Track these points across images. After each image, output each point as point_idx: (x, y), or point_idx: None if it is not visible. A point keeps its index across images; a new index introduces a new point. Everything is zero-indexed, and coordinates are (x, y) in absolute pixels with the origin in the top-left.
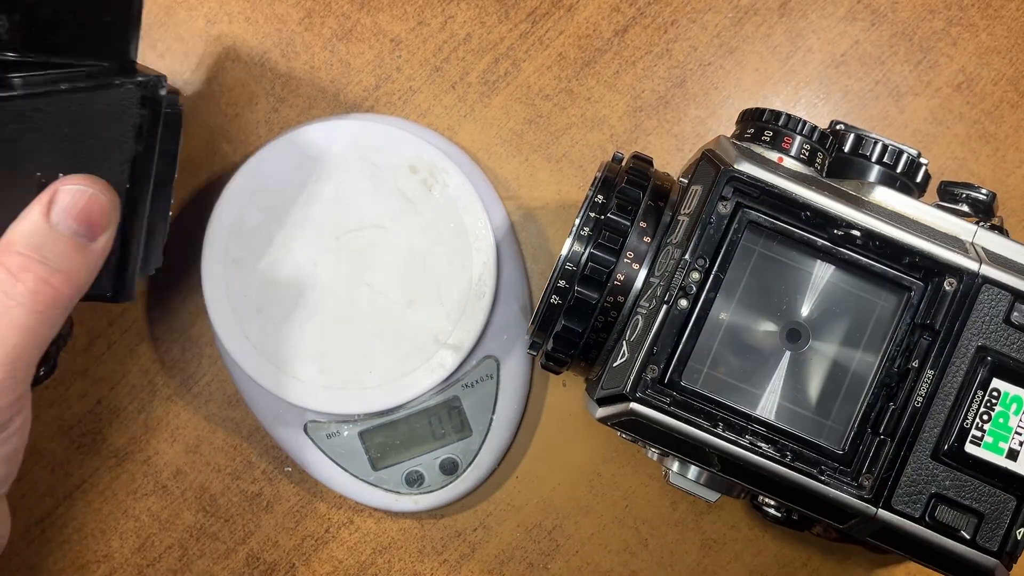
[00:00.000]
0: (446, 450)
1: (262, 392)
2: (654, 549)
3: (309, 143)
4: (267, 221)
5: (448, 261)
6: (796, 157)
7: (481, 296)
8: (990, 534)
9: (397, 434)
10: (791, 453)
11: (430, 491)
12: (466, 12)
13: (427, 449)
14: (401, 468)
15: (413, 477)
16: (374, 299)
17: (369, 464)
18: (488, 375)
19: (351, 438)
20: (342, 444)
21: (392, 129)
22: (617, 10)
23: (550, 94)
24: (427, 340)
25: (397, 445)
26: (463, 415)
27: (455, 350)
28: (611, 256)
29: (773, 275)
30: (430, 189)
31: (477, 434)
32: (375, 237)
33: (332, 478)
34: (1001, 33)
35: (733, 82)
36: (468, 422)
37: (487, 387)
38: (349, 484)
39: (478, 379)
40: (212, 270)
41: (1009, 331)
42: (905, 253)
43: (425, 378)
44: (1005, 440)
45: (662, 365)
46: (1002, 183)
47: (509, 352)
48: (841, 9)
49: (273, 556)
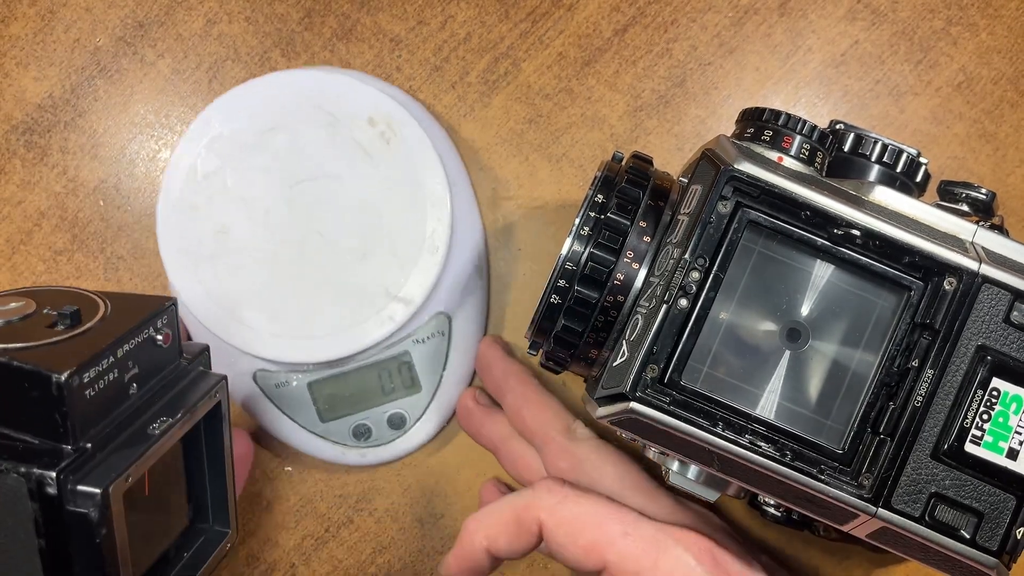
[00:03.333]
0: (395, 405)
1: (213, 338)
2: None
3: (267, 92)
4: (223, 168)
5: (402, 214)
6: (796, 157)
7: (434, 251)
8: (990, 533)
9: (346, 386)
10: (791, 452)
11: (377, 445)
12: (466, 12)
13: (376, 403)
14: (349, 421)
15: (361, 430)
16: (326, 249)
17: (317, 415)
18: (440, 331)
19: (300, 388)
20: (291, 394)
21: (352, 81)
22: (617, 9)
23: (550, 93)
24: (378, 292)
25: (346, 398)
26: (413, 370)
27: (405, 303)
28: (611, 255)
29: (773, 274)
30: (388, 142)
31: (427, 390)
32: (330, 187)
33: (280, 428)
34: (1001, 32)
35: (733, 81)
36: (418, 378)
37: (438, 343)
38: (297, 435)
39: (429, 335)
40: (167, 216)
41: (1009, 330)
42: (905, 252)
43: (375, 330)
44: (1005, 439)
45: (662, 364)
46: (1002, 182)
47: (462, 309)
48: (841, 9)
49: (273, 556)
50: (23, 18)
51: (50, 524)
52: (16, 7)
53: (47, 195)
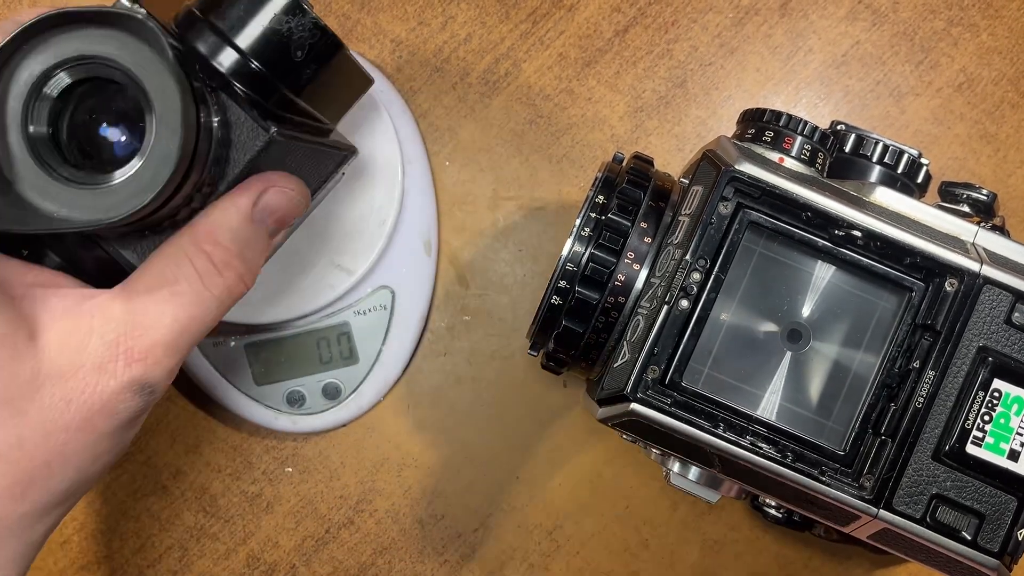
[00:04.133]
0: (331, 375)
1: None
2: (655, 550)
3: None
4: None
5: (350, 183)
6: (797, 157)
7: (381, 223)
8: (991, 535)
9: (283, 352)
10: (792, 454)
11: (310, 413)
12: (466, 12)
13: (312, 371)
14: (284, 386)
15: (295, 397)
16: None
17: (252, 378)
18: (382, 305)
19: (237, 350)
20: (228, 355)
21: None
22: (618, 10)
23: (551, 94)
24: (319, 259)
25: (282, 363)
26: (352, 342)
27: (347, 273)
28: (612, 256)
29: (774, 276)
30: None
31: (364, 363)
32: None
33: (215, 387)
34: (1002, 33)
35: (734, 82)
36: (356, 350)
37: (379, 317)
38: (231, 396)
39: (371, 308)
40: None
41: (1010, 331)
42: (906, 254)
43: (314, 297)
44: (1006, 441)
45: (663, 366)
46: (1003, 183)
47: (406, 285)
48: (842, 9)
49: (273, 556)
50: None
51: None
52: (16, 7)
53: None
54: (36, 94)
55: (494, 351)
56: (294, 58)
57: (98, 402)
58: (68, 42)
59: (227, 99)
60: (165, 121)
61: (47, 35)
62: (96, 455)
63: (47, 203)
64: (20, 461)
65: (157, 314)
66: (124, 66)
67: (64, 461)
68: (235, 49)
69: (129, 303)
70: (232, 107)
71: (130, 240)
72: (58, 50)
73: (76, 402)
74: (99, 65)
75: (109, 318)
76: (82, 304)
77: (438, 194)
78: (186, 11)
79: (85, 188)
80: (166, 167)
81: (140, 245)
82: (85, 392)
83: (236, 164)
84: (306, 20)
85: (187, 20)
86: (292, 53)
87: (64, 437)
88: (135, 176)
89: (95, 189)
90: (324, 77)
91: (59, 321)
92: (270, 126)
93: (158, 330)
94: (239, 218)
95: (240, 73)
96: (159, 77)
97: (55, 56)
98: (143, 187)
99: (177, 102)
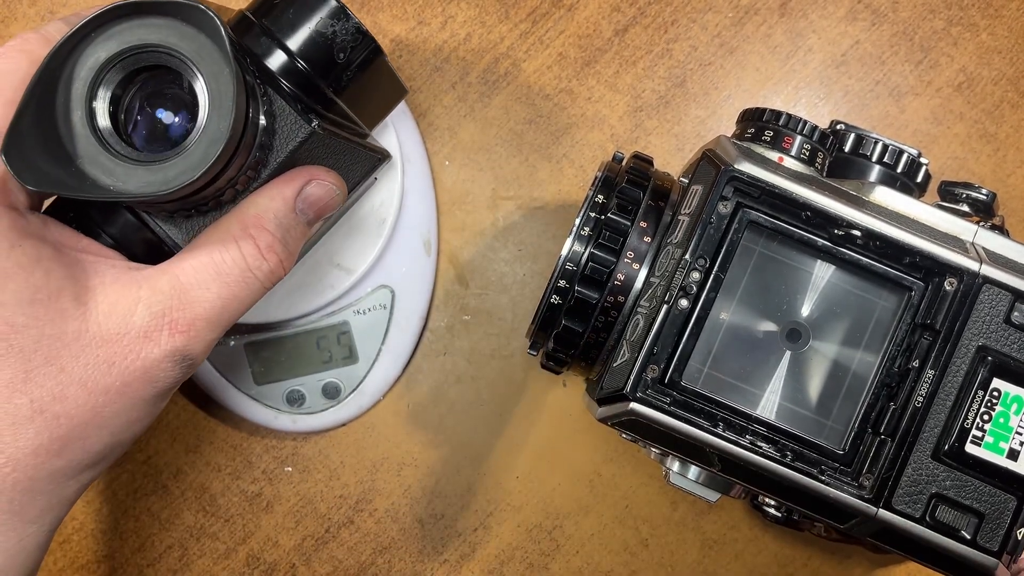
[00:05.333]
0: (331, 374)
1: None
2: (654, 549)
3: None
4: None
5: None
6: (796, 157)
7: (381, 222)
8: (990, 534)
9: (283, 351)
10: (791, 453)
11: (310, 412)
12: (466, 12)
13: (312, 370)
14: (284, 386)
15: (294, 396)
16: None
17: (252, 378)
18: (382, 304)
19: (237, 350)
20: (228, 354)
21: None
22: (617, 10)
23: (550, 94)
24: (320, 258)
25: (282, 362)
26: (351, 341)
27: (347, 272)
28: (611, 256)
29: (773, 275)
30: None
31: (364, 362)
32: None
33: (215, 387)
34: (1002, 33)
35: (733, 82)
36: (356, 349)
37: (379, 316)
38: (231, 396)
39: (371, 307)
40: None
41: (1009, 331)
42: (905, 253)
43: (314, 297)
44: (1006, 440)
45: (662, 365)
46: (1002, 183)
47: (406, 284)
48: (842, 9)
49: (273, 556)
50: (23, 18)
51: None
52: (16, 7)
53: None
54: (100, 79)
55: (494, 350)
56: (336, 59)
57: (140, 368)
58: (131, 31)
59: (274, 93)
60: (217, 104)
61: (112, 24)
62: (130, 421)
63: (106, 177)
64: (60, 417)
65: (202, 290)
66: (182, 53)
67: (101, 423)
68: (284, 50)
69: (176, 278)
70: (278, 100)
71: (177, 221)
72: (122, 38)
73: (119, 366)
74: (159, 53)
75: (157, 290)
76: (131, 274)
77: (438, 194)
78: (240, 15)
79: (141, 165)
80: (215, 146)
81: (186, 225)
82: (128, 357)
83: (279, 153)
84: (349, 25)
85: (242, 23)
86: (335, 55)
87: (104, 399)
88: (187, 154)
89: (150, 166)
90: (363, 80)
91: (109, 287)
92: (312, 119)
93: (202, 305)
94: (284, 207)
95: (287, 71)
96: (215, 63)
97: (119, 44)
98: (194, 164)
99: (230, 87)
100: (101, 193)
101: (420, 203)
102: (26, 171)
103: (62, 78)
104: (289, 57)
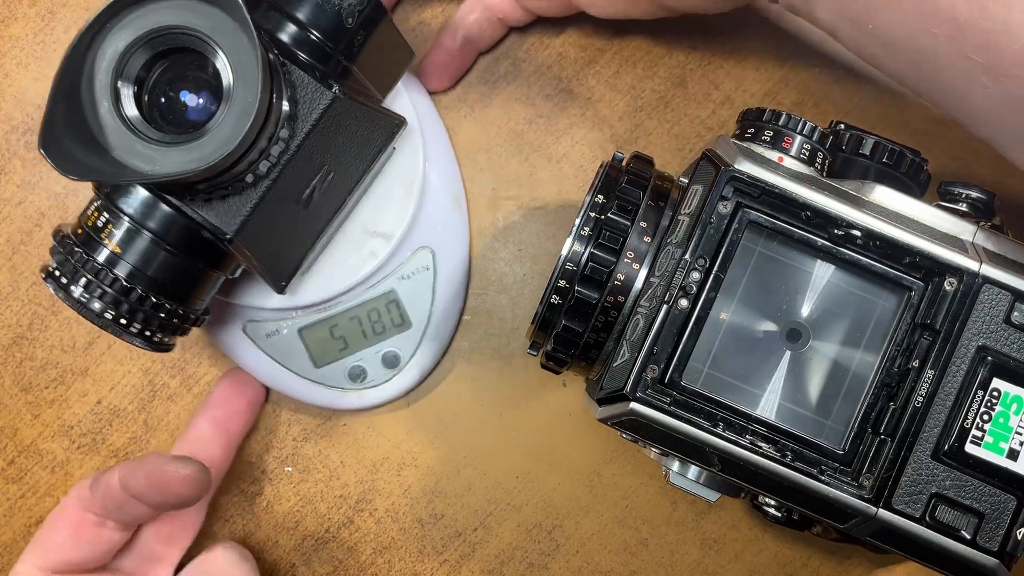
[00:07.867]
0: (387, 344)
1: None
2: (654, 549)
3: None
4: None
5: None
6: (796, 157)
7: (409, 184)
8: (990, 534)
9: (337, 330)
10: (791, 453)
11: (374, 386)
12: None
13: (368, 343)
14: (343, 364)
15: (356, 372)
16: None
17: (311, 362)
18: (424, 266)
19: (291, 336)
20: (282, 343)
21: None
22: None
23: (550, 94)
24: (356, 230)
25: (337, 341)
26: (401, 307)
27: (385, 238)
28: (611, 256)
29: (773, 275)
30: None
31: (417, 326)
32: None
33: (275, 377)
34: None
35: (733, 82)
36: (407, 314)
37: (424, 278)
38: (293, 383)
39: (414, 271)
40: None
41: (1009, 331)
42: (905, 253)
43: (358, 268)
44: (1005, 440)
45: (662, 365)
46: (1002, 183)
47: (444, 242)
48: None
49: (273, 556)
50: (23, 18)
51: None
52: (16, 7)
53: (47, 195)
54: (122, 68)
55: (494, 350)
56: (346, 24)
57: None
58: (146, 16)
59: (291, 65)
60: (242, 75)
61: (128, 11)
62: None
63: (143, 163)
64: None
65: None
66: (200, 31)
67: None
68: (294, 22)
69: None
70: (296, 71)
71: (214, 205)
72: (138, 24)
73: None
74: (176, 34)
75: None
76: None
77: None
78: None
79: (175, 146)
80: (245, 119)
81: (223, 206)
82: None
83: (304, 122)
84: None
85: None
86: (344, 20)
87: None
88: (217, 130)
89: (184, 146)
90: (372, 45)
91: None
92: (332, 85)
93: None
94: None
95: (301, 42)
96: (234, 36)
97: (136, 30)
98: (226, 139)
99: (253, 57)
100: (140, 177)
101: (443, 160)
102: (67, 163)
103: (84, 72)
104: (300, 28)
